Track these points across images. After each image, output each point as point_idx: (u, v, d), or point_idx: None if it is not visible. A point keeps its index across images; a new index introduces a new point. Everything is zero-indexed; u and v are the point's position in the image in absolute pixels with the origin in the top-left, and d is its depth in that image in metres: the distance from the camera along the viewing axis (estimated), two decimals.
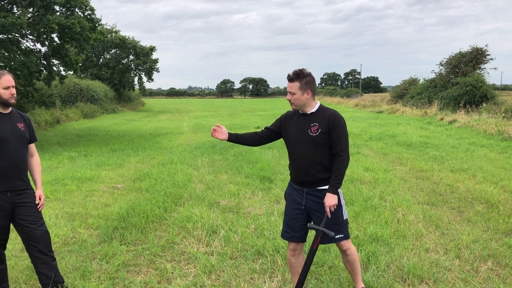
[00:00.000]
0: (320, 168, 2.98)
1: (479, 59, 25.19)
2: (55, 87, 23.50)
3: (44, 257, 3.19)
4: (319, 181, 3.00)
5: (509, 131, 12.50)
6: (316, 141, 2.95)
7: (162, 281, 3.62)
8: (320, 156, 2.97)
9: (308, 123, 3.00)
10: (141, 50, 38.96)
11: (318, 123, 2.96)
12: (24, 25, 11.96)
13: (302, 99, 2.97)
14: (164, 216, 5.27)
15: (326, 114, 2.98)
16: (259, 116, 25.89)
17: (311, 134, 2.96)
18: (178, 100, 75.11)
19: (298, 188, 3.11)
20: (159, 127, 19.35)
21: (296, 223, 3.11)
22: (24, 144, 3.18)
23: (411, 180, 7.26)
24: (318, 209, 3.03)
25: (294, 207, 3.12)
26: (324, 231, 2.92)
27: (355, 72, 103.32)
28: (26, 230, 3.12)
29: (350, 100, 41.30)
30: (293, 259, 3.21)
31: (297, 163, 3.07)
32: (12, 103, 3.11)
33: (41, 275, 3.23)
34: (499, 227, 4.80)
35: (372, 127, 16.23)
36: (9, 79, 3.07)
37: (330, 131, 2.94)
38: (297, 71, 2.98)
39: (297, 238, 3.14)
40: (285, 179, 7.20)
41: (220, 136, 3.30)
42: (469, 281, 3.54)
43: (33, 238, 3.13)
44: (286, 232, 3.17)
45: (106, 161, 9.42)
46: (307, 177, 3.02)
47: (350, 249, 3.12)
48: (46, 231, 3.22)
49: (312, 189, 3.03)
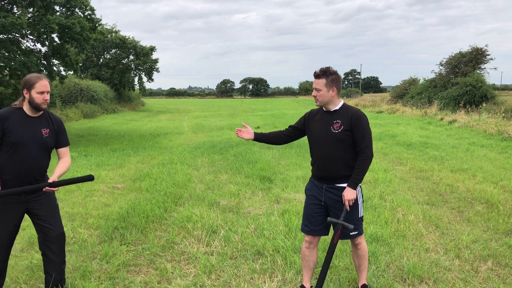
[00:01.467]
0: (341, 165, 3.04)
1: (479, 59, 25.19)
2: (55, 87, 23.51)
3: (55, 258, 3.19)
4: (339, 178, 3.06)
5: (509, 131, 12.50)
6: (338, 138, 3.01)
7: (162, 281, 3.62)
8: (341, 153, 3.02)
9: (331, 120, 3.05)
10: (141, 50, 38.96)
11: (341, 121, 3.02)
12: (24, 25, 11.96)
13: (327, 96, 3.03)
14: (164, 216, 5.27)
15: (349, 112, 3.04)
16: (259, 116, 25.89)
17: (333, 131, 3.02)
18: (178, 100, 75.10)
19: (318, 184, 3.17)
20: (159, 127, 19.35)
21: (315, 218, 3.17)
22: (43, 150, 3.10)
23: (411, 180, 7.26)
24: (336, 206, 3.08)
25: (313, 202, 3.18)
26: (344, 225, 2.99)
27: (355, 72, 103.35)
28: (43, 229, 3.13)
29: (350, 100, 41.26)
30: (307, 251, 3.26)
31: (318, 159, 3.13)
32: (43, 108, 3.06)
33: (47, 275, 3.23)
34: (499, 227, 4.80)
35: (372, 127, 16.02)
36: (46, 84, 3.02)
37: (353, 129, 2.99)
38: (324, 68, 3.04)
39: (316, 232, 3.20)
40: (285, 179, 7.21)
41: (246, 135, 3.34)
42: (469, 281, 3.54)
43: (48, 238, 3.14)
44: (306, 226, 3.23)
45: (106, 161, 9.42)
46: (327, 173, 3.08)
47: (362, 244, 3.22)
48: (63, 232, 3.20)
49: (331, 185, 3.09)
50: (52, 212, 3.18)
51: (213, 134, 15.54)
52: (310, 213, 3.19)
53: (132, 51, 38.96)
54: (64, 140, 3.25)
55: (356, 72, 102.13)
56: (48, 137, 3.12)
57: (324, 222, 3.17)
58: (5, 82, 14.90)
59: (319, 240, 3.30)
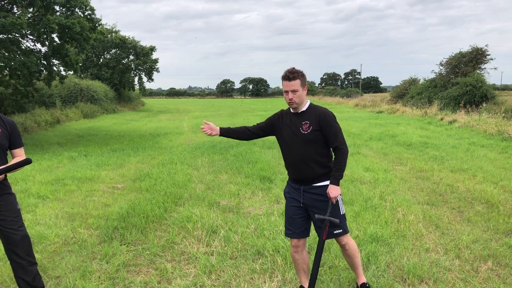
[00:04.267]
0: (314, 165, 3.04)
1: (479, 59, 25.19)
2: (55, 87, 23.50)
3: (22, 261, 3.13)
4: (315, 178, 3.06)
5: (509, 131, 12.50)
6: (308, 139, 3.01)
7: (162, 281, 3.62)
8: (313, 153, 3.03)
9: (299, 121, 3.06)
10: (141, 50, 38.94)
11: (309, 121, 3.03)
12: (24, 25, 11.95)
13: (303, 96, 3.05)
14: (164, 216, 5.27)
15: (316, 112, 3.06)
16: (259, 116, 25.87)
17: (303, 132, 3.03)
18: (178, 100, 75.10)
19: (295, 186, 3.17)
20: (159, 127, 19.35)
21: (296, 220, 3.17)
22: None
23: (411, 180, 7.26)
24: (315, 206, 3.09)
25: (293, 204, 3.18)
26: (331, 220, 3.01)
27: (355, 72, 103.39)
28: (5, 233, 3.07)
29: (350, 100, 41.28)
30: (296, 255, 3.26)
31: (291, 162, 3.13)
32: None
33: (19, 280, 3.18)
34: (499, 227, 4.80)
35: (372, 127, 16.22)
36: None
37: (323, 127, 3.00)
38: (292, 69, 3.03)
39: (298, 234, 3.19)
40: (285, 179, 7.18)
41: (210, 132, 3.26)
42: (469, 281, 3.54)
43: (11, 242, 3.08)
44: (288, 229, 3.23)
45: (106, 161, 9.42)
46: (302, 175, 3.09)
47: (349, 244, 3.20)
48: (26, 235, 3.15)
49: (308, 186, 3.09)
50: (13, 215, 3.10)
51: None
52: (290, 215, 3.19)
53: (132, 51, 38.93)
54: (18, 141, 3.21)
55: (356, 72, 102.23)
56: (1, 137, 3.08)
57: (305, 224, 3.18)
58: (5, 82, 14.90)
59: (305, 242, 3.29)
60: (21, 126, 15.80)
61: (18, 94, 15.28)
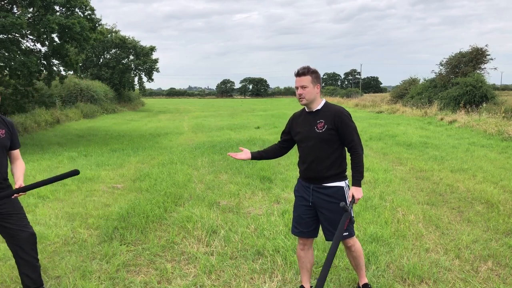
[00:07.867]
0: (327, 165, 3.03)
1: (479, 59, 25.19)
2: (55, 87, 23.48)
3: (30, 258, 3.17)
4: (326, 178, 3.05)
5: (509, 131, 12.50)
6: (323, 138, 3.00)
7: (162, 281, 3.62)
8: (327, 152, 3.02)
9: (314, 120, 3.05)
10: (141, 50, 38.95)
11: (324, 120, 3.01)
12: (24, 25, 11.95)
13: (314, 93, 3.02)
14: (164, 216, 5.27)
15: (331, 111, 3.04)
16: (259, 116, 25.87)
17: (317, 131, 3.01)
18: (178, 100, 75.09)
19: (305, 184, 3.16)
20: (159, 127, 19.35)
21: (304, 220, 3.16)
22: (2, 151, 3.09)
23: (411, 180, 7.26)
24: (324, 206, 3.06)
25: (302, 203, 3.17)
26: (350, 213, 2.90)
27: (355, 72, 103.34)
28: (12, 232, 3.09)
29: (350, 100, 41.25)
30: (302, 253, 3.25)
31: (304, 160, 3.12)
32: None
33: (24, 276, 3.20)
34: (499, 227, 4.80)
35: (372, 127, 16.22)
36: None
37: (338, 127, 2.99)
38: (305, 66, 3.05)
39: (306, 234, 3.18)
40: (285, 179, 7.21)
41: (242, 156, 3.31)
42: (469, 281, 3.54)
43: (18, 240, 3.10)
44: (295, 228, 3.22)
45: (106, 161, 9.42)
46: (313, 174, 3.07)
47: (355, 246, 3.19)
48: (33, 232, 3.19)
49: (318, 185, 3.07)
50: (19, 214, 3.13)
51: (213, 134, 15.53)
52: (299, 214, 3.18)
53: (132, 51, 38.95)
54: (17, 142, 3.24)
55: (356, 72, 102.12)
56: (5, 138, 3.10)
57: (313, 224, 3.16)
58: (5, 82, 14.89)
59: (313, 241, 3.28)
60: (21, 126, 15.81)
61: (18, 94, 15.27)
